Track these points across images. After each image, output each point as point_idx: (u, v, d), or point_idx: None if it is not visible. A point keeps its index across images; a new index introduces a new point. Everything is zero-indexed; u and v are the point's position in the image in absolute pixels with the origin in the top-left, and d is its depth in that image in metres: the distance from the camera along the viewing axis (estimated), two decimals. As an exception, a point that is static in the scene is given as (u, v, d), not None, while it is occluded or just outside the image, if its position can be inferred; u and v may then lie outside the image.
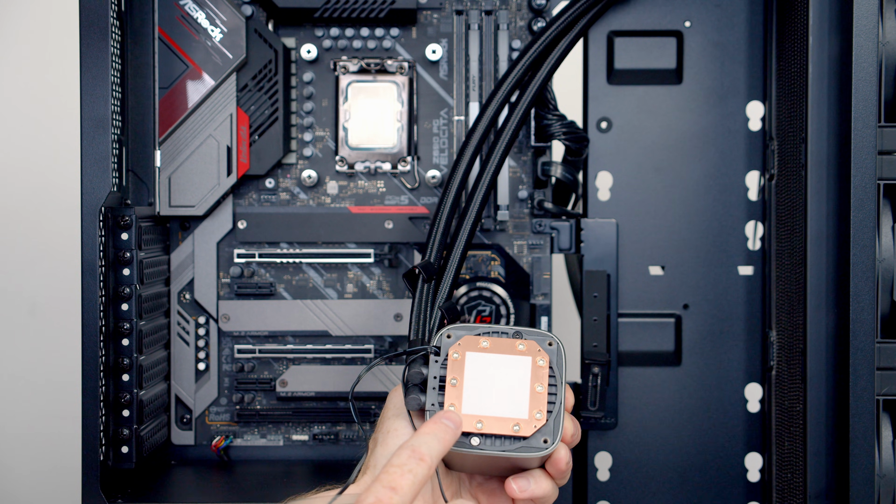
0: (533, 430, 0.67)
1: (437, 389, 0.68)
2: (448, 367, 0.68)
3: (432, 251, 0.78)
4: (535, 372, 0.68)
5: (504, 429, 0.67)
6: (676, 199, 0.92)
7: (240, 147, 0.88)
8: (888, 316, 0.76)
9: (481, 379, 0.68)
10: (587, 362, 0.89)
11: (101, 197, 0.79)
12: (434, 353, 0.69)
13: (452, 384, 0.68)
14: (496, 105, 0.83)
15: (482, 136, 0.83)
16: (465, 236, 0.80)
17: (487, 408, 0.67)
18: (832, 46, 0.78)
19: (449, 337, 0.69)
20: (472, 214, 0.80)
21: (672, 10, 0.91)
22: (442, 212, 0.80)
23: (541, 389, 0.68)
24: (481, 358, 0.68)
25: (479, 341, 0.69)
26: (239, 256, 0.92)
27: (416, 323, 0.75)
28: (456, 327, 0.69)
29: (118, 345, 0.82)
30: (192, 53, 0.87)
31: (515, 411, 0.67)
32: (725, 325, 0.92)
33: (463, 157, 0.82)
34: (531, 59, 0.84)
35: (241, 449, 0.92)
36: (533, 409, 0.67)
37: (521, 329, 0.69)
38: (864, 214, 0.75)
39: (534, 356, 0.68)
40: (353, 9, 0.89)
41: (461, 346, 0.69)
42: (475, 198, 0.81)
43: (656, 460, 0.92)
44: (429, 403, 0.68)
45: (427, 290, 0.76)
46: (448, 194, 0.80)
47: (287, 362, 0.92)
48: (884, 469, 0.76)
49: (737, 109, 0.91)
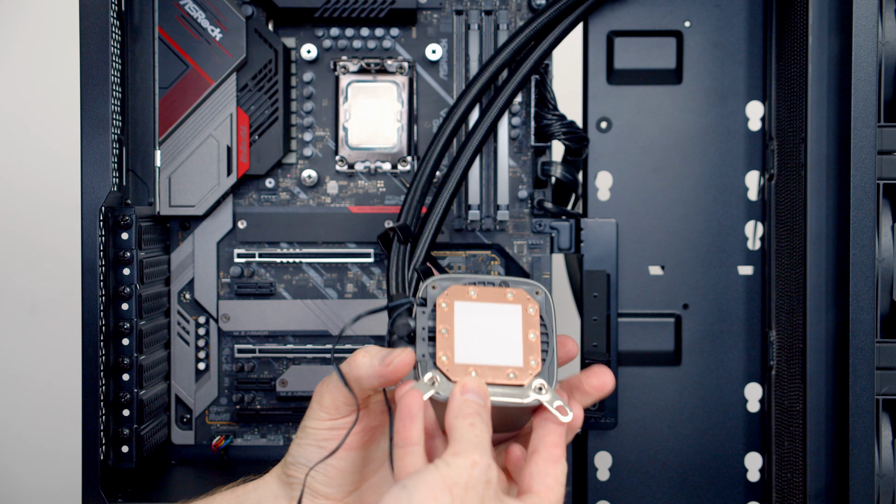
0: (529, 377, 0.65)
1: (426, 340, 0.66)
2: (437, 317, 0.66)
3: (408, 214, 0.78)
4: (527, 320, 0.67)
5: (499, 377, 0.65)
6: (676, 199, 0.92)
7: (240, 147, 0.89)
8: (888, 315, 0.76)
9: (472, 328, 0.66)
10: (587, 362, 0.89)
11: (101, 197, 0.79)
12: (420, 304, 0.67)
13: (443, 334, 0.66)
14: (497, 65, 0.83)
15: (477, 95, 0.82)
16: (445, 199, 0.79)
17: (480, 357, 0.66)
18: (832, 46, 0.78)
19: (434, 288, 0.68)
20: (456, 177, 0.80)
21: (672, 10, 0.91)
22: (422, 173, 0.80)
23: (533, 337, 0.67)
24: (470, 307, 0.67)
25: (467, 290, 0.67)
26: (239, 256, 0.92)
27: (395, 279, 0.73)
28: (441, 278, 0.68)
29: (118, 344, 0.82)
30: (192, 53, 0.87)
31: (509, 359, 0.66)
32: (725, 325, 0.92)
33: (451, 117, 0.81)
34: (538, 28, 0.84)
35: (241, 449, 0.92)
36: (527, 356, 0.66)
37: (508, 278, 0.68)
38: (864, 214, 0.75)
39: (524, 304, 0.67)
40: (353, 9, 0.89)
41: (449, 295, 0.67)
42: (462, 157, 0.80)
43: (656, 460, 0.92)
44: (419, 354, 0.66)
45: (403, 251, 0.75)
46: (431, 153, 0.80)
47: (287, 362, 0.92)
48: (883, 469, 0.76)
49: (736, 109, 0.91)
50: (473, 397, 0.63)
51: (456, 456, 0.59)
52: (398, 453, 0.61)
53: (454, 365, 0.65)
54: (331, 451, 0.67)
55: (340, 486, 0.68)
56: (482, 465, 0.59)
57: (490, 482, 0.59)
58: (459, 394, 0.63)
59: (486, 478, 0.59)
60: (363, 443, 0.69)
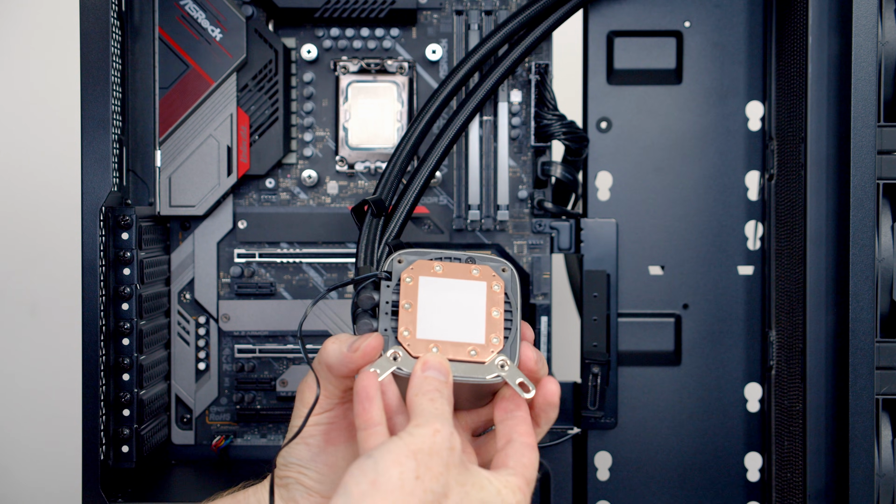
0: (490, 353, 0.66)
1: (389, 315, 0.66)
2: (401, 291, 0.67)
3: (385, 188, 0.78)
4: (491, 297, 0.67)
5: (460, 354, 0.65)
6: (676, 199, 0.92)
7: (240, 147, 0.89)
8: (888, 315, 0.76)
9: (435, 304, 0.66)
10: (587, 362, 0.89)
11: (101, 197, 0.79)
12: (385, 278, 0.67)
13: (406, 308, 0.66)
14: (492, 44, 0.84)
15: (468, 71, 0.83)
16: (424, 175, 0.79)
17: (442, 333, 0.66)
18: (832, 46, 0.78)
19: (400, 262, 0.68)
20: (437, 155, 0.80)
21: (672, 10, 0.91)
22: (403, 147, 0.80)
23: (496, 315, 0.67)
24: (435, 282, 0.67)
25: (433, 266, 0.67)
26: (239, 256, 0.92)
27: (364, 252, 0.73)
28: (407, 252, 0.68)
29: (118, 344, 0.82)
30: (193, 53, 0.87)
31: (471, 336, 0.66)
32: (725, 325, 0.92)
33: (437, 95, 0.82)
34: (532, 14, 0.85)
35: (242, 448, 0.92)
36: (489, 333, 0.66)
37: (475, 254, 0.68)
38: (864, 214, 0.75)
39: (488, 281, 0.67)
40: (353, 9, 0.89)
41: (413, 270, 0.67)
42: (448, 129, 0.81)
43: (656, 460, 0.92)
44: (381, 329, 0.66)
45: (375, 224, 0.75)
46: (414, 129, 0.80)
47: (287, 362, 0.92)
48: (883, 468, 0.76)
49: (736, 109, 0.91)
50: (434, 374, 0.63)
51: (418, 427, 0.60)
52: (361, 436, 0.62)
53: (416, 340, 0.66)
54: (296, 431, 0.67)
55: (333, 482, 0.68)
56: (444, 432, 0.60)
57: (454, 449, 0.60)
58: (420, 371, 0.64)
59: (450, 444, 0.60)
60: (351, 437, 0.69)
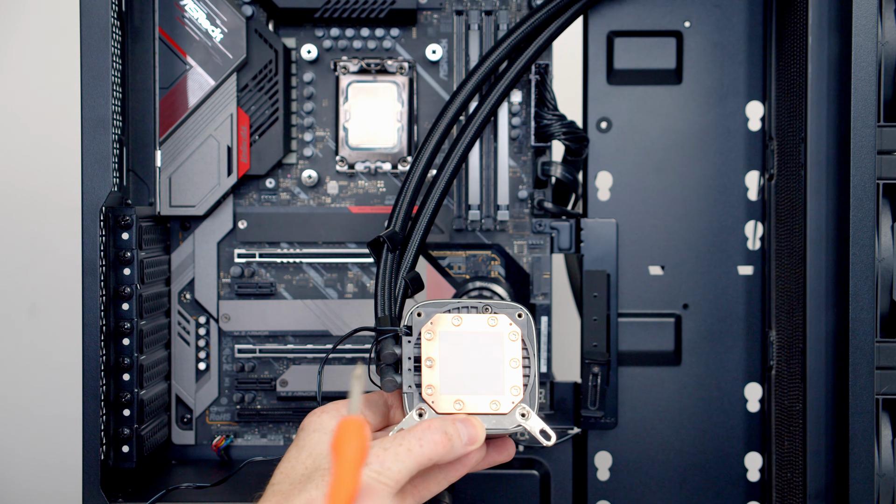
0: (511, 405, 0.68)
1: (412, 371, 0.69)
2: (422, 347, 0.69)
3: (398, 220, 0.78)
4: (508, 347, 0.69)
5: (483, 407, 0.68)
6: (676, 199, 0.92)
7: (240, 147, 0.89)
8: (888, 315, 0.76)
9: (456, 358, 0.69)
10: (587, 362, 0.89)
11: (101, 197, 0.79)
12: (406, 334, 0.69)
13: (428, 366, 0.69)
14: (493, 60, 0.84)
15: (472, 91, 0.83)
16: (433, 203, 0.80)
17: (465, 387, 0.68)
18: (832, 46, 0.78)
19: (419, 315, 0.70)
20: (444, 180, 0.80)
21: (672, 10, 0.91)
22: (411, 179, 0.80)
23: (515, 365, 0.69)
24: (454, 336, 0.69)
25: (451, 319, 0.69)
26: (239, 256, 0.92)
27: (382, 297, 0.75)
28: (425, 304, 0.70)
29: (119, 344, 0.82)
30: (193, 53, 0.87)
31: (493, 389, 0.69)
32: (725, 325, 0.92)
33: (445, 114, 0.82)
34: (535, 23, 0.84)
35: (242, 449, 0.92)
36: (509, 384, 0.69)
37: (491, 302, 0.70)
38: (864, 214, 0.75)
39: (506, 331, 0.69)
40: (354, 9, 0.89)
41: (433, 325, 0.69)
42: (451, 159, 0.81)
43: (656, 460, 0.92)
44: (406, 385, 0.69)
45: (392, 259, 0.76)
46: (420, 158, 0.80)
47: (287, 362, 0.92)
48: (883, 468, 0.76)
49: (736, 109, 0.91)
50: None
51: None
52: None
53: (440, 396, 0.68)
54: None
55: None
56: None
57: None
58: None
59: None
60: None
